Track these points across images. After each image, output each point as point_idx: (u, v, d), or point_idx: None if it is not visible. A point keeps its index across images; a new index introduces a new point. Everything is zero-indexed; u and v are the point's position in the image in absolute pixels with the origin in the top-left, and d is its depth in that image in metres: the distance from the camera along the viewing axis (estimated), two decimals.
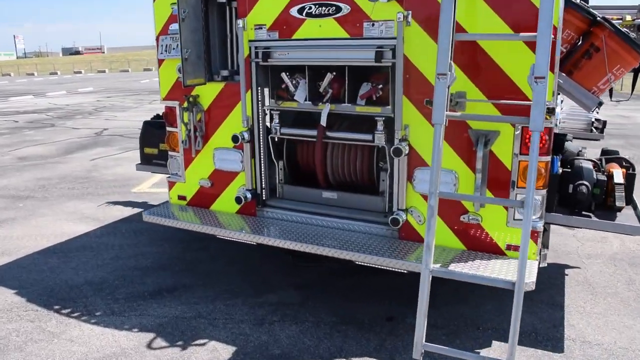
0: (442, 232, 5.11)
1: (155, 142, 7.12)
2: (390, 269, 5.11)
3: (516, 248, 4.80)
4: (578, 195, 5.12)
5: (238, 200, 5.84)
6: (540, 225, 4.86)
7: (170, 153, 6.43)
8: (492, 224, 4.92)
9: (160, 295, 6.14)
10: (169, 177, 6.51)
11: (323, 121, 5.50)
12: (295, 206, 5.98)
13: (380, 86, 5.34)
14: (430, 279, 4.32)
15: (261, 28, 5.52)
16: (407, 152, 5.05)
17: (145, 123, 7.45)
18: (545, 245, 5.32)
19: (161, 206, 6.44)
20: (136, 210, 9.13)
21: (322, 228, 5.69)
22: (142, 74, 61.78)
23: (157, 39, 6.13)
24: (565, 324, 5.51)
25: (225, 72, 5.95)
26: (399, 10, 4.87)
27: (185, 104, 6.06)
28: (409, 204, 5.29)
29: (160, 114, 6.95)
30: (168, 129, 6.36)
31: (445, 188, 5.03)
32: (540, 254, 5.02)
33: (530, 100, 4.17)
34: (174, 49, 6.03)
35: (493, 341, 5.22)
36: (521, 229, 4.77)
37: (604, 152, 6.14)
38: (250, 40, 5.60)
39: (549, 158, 4.78)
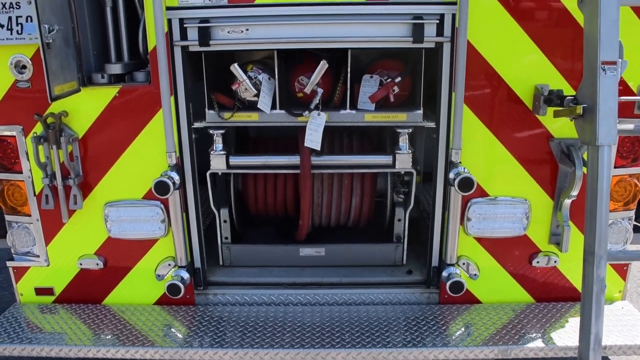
0: (504, 284, 3.65)
1: None
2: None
3: None
4: None
5: (173, 290, 3.38)
6: None
7: (10, 218, 3.58)
8: (571, 264, 3.60)
9: None
10: (13, 260, 3.64)
11: (315, 142, 3.31)
12: (257, 278, 3.73)
13: (398, 80, 3.35)
14: None
15: None
16: None
17: None
18: None
19: (7, 315, 3.56)
20: None
21: (315, 308, 3.58)
22: None
23: None
24: None
25: (116, 68, 3.33)
26: None
27: (40, 129, 3.31)
28: (459, 253, 3.51)
29: None
30: (2, 175, 3.49)
31: (512, 224, 3.50)
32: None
33: None
34: (2, 26, 3.18)
35: None
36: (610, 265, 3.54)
37: None
38: (170, 8, 3.10)
39: None
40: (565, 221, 3.37)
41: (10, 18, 3.17)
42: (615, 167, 3.37)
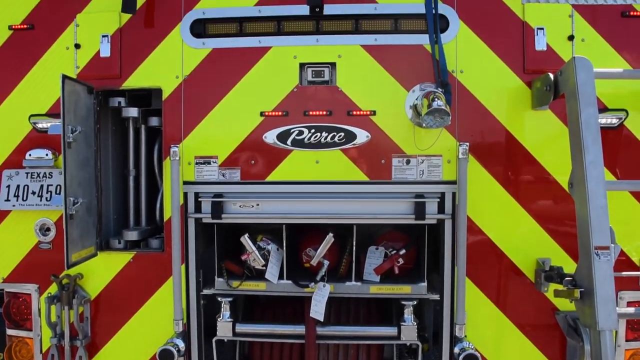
0: None
1: None
2: None
3: None
4: None
5: None
6: None
7: None
8: None
9: None
10: None
11: (319, 313, 3.34)
12: None
13: (403, 252, 3.44)
14: None
15: (209, 162, 3.33)
16: None
17: None
18: None
19: None
20: None
21: None
22: None
23: None
24: None
25: (133, 234, 3.51)
26: (451, 142, 3.26)
27: (54, 289, 3.43)
28: None
29: None
30: (11, 332, 3.58)
31: None
32: None
33: None
34: (33, 193, 3.45)
35: None
36: None
37: None
38: (187, 182, 3.34)
39: None
40: None
41: (42, 186, 3.46)
42: (626, 341, 3.31)
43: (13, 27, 3.50)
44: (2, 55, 3.53)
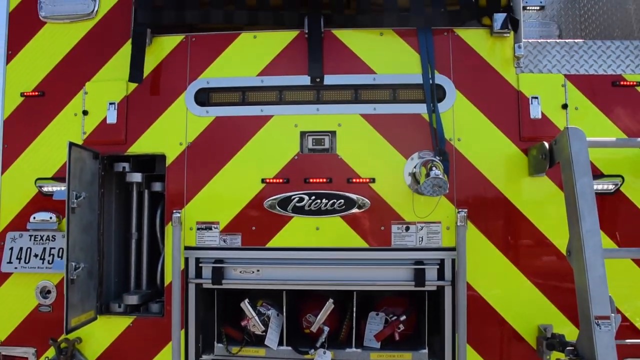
0: None
1: None
2: None
3: None
4: None
5: None
6: None
7: None
8: None
9: None
10: None
11: None
12: None
13: (403, 318, 3.43)
14: None
15: (210, 228, 3.37)
16: None
17: None
18: None
19: None
20: None
21: None
22: None
23: None
24: None
25: (133, 299, 3.51)
26: (450, 209, 3.31)
27: (52, 353, 3.41)
28: None
29: None
30: None
31: None
32: None
33: None
34: (36, 256, 3.48)
35: None
36: None
37: None
38: (188, 248, 3.37)
39: None
40: None
41: (44, 249, 3.49)
42: None
43: (25, 94, 3.62)
44: (13, 120, 3.63)
